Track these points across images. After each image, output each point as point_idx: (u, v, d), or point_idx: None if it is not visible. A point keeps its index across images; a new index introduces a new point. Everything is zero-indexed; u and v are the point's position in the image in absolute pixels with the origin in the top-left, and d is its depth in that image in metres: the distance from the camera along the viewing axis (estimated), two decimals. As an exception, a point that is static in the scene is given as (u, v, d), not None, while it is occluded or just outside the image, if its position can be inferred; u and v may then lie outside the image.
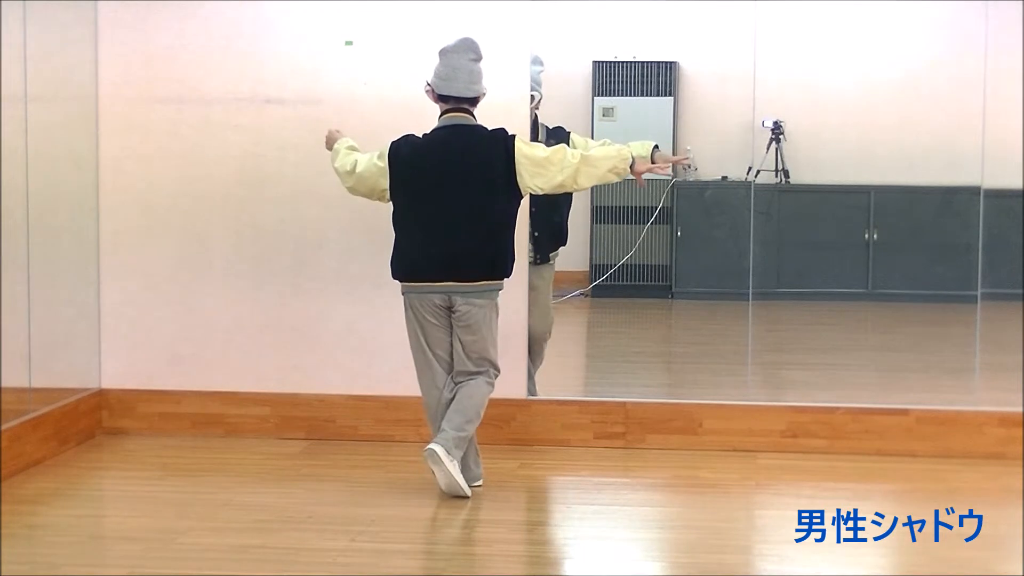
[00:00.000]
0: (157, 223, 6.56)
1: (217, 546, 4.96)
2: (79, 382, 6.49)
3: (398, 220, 5.53)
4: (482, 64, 5.53)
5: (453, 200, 5.41)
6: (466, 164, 5.43)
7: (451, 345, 5.54)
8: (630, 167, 5.54)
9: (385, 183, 5.51)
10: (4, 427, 5.74)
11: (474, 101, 5.53)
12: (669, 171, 5.88)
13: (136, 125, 6.53)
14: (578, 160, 5.45)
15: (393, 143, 5.54)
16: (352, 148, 5.71)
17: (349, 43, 6.35)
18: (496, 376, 5.63)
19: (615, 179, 5.57)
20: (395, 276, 5.57)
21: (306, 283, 6.49)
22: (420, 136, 5.53)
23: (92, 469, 6.11)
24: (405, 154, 5.48)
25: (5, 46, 5.76)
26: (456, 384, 5.54)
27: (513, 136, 5.48)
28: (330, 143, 5.81)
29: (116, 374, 6.61)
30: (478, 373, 5.55)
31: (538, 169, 5.43)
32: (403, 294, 5.56)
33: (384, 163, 5.49)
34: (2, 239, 5.76)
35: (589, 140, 6.60)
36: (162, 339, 6.58)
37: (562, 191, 5.62)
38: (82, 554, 4.90)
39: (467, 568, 4.86)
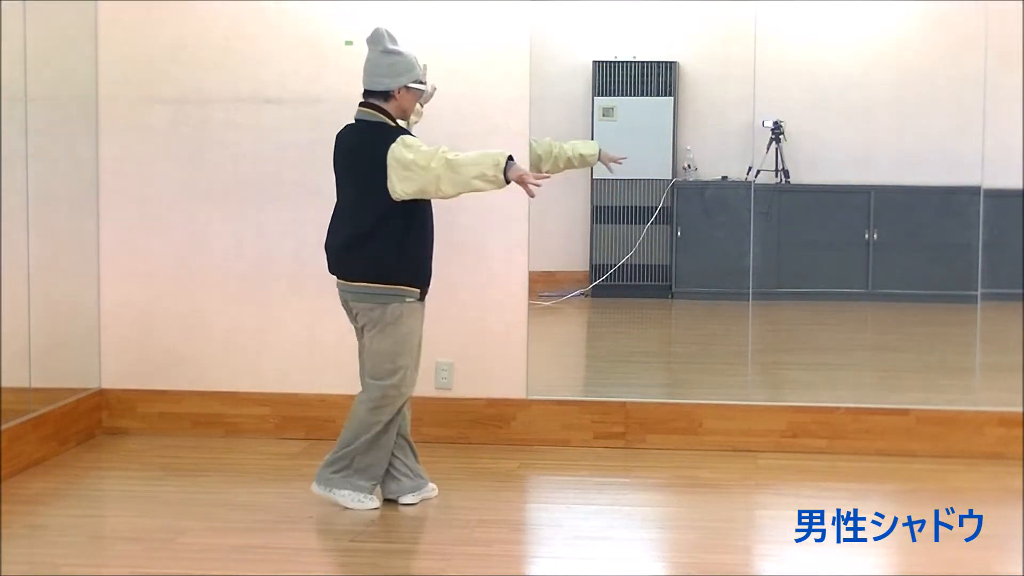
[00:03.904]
0: (157, 223, 6.56)
1: (217, 546, 4.96)
2: (79, 382, 6.49)
3: None
4: (397, 56, 5.25)
5: (342, 195, 5.37)
6: (354, 159, 5.29)
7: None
8: (504, 173, 5.08)
9: None
10: (4, 427, 5.74)
11: (384, 95, 5.26)
12: (536, 185, 5.12)
13: (136, 125, 6.54)
14: (442, 166, 5.07)
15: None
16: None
17: (349, 43, 6.35)
18: (381, 396, 5.27)
19: (487, 187, 5.14)
20: None
21: (306, 283, 6.48)
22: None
23: (92, 469, 6.12)
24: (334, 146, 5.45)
25: (5, 46, 5.76)
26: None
27: (398, 135, 5.19)
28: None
29: (116, 374, 6.61)
30: (367, 384, 5.34)
31: (406, 173, 5.12)
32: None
33: None
34: (2, 239, 5.75)
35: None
36: (162, 339, 6.58)
37: (426, 197, 5.23)
38: (82, 554, 4.91)
39: (467, 568, 4.85)
